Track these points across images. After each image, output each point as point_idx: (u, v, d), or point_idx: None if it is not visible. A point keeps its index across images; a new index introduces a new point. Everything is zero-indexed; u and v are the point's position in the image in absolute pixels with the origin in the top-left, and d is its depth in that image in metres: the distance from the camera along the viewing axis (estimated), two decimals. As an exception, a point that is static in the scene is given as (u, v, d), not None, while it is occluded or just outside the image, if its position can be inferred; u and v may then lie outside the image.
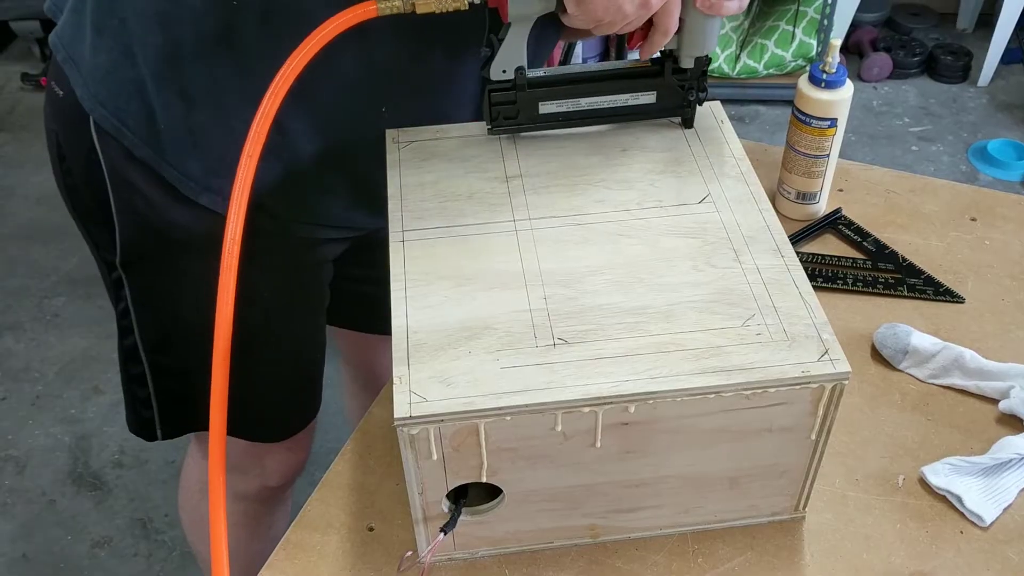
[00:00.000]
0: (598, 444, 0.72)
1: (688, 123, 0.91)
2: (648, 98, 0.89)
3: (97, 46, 0.86)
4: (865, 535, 0.81)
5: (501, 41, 0.82)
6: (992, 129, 2.78)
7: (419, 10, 0.76)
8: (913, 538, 0.81)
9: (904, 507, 0.83)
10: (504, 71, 0.84)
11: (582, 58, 2.81)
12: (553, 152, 0.90)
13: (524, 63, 0.84)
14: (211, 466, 0.75)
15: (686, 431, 0.72)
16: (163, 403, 1.05)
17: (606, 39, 2.87)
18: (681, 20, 0.82)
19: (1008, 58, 2.94)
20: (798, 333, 0.72)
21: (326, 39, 0.74)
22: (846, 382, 0.70)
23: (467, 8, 0.77)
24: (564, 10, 0.78)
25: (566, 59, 2.09)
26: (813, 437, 0.75)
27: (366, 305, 1.19)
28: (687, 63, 0.87)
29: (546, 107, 0.87)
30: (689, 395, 0.69)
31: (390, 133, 0.92)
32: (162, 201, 0.90)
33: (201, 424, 1.07)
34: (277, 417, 1.11)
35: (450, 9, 0.77)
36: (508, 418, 0.69)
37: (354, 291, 1.15)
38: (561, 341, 0.72)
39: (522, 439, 0.71)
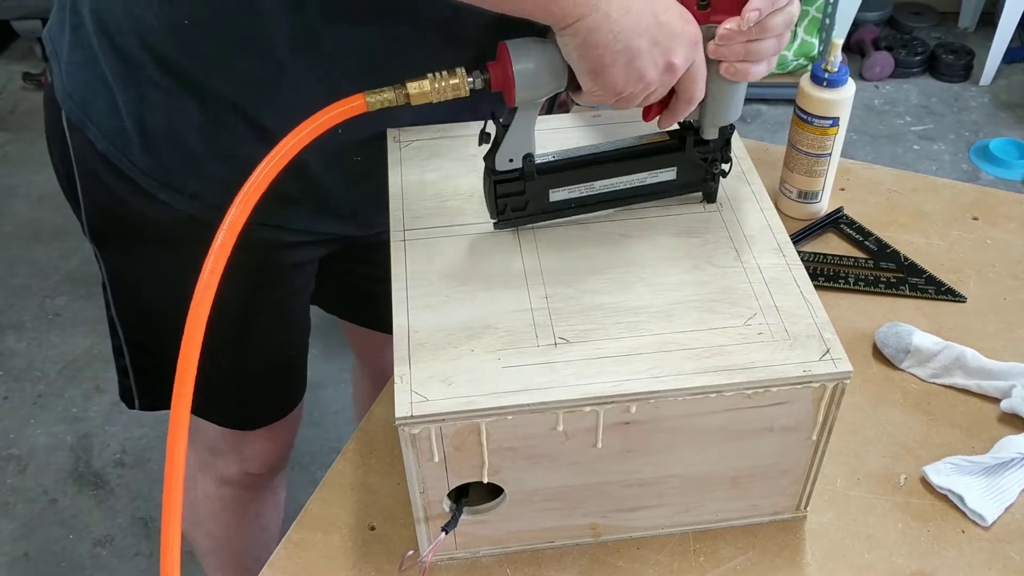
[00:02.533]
0: (599, 444, 0.72)
1: (711, 198, 0.83)
2: (668, 174, 0.81)
3: (72, 42, 0.88)
4: (867, 534, 0.81)
5: (507, 128, 0.74)
6: (994, 128, 2.77)
7: (413, 102, 0.71)
8: (915, 537, 0.81)
9: (906, 506, 0.83)
10: (511, 160, 0.76)
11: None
12: (556, 150, 0.90)
13: (533, 149, 0.76)
14: (170, 443, 0.72)
15: (687, 430, 0.72)
16: (140, 376, 1.07)
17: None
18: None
19: (1010, 57, 2.94)
20: (800, 332, 0.72)
21: (311, 136, 0.69)
22: (847, 381, 0.70)
23: (468, 96, 0.72)
24: (578, 88, 0.72)
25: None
26: (814, 437, 0.75)
27: (372, 303, 1.19)
28: (710, 134, 0.79)
29: (557, 194, 0.79)
30: (690, 394, 0.69)
31: (391, 132, 0.92)
32: (123, 193, 0.91)
33: (194, 409, 1.09)
34: (249, 406, 1.11)
35: (449, 98, 0.71)
36: (509, 417, 0.69)
37: (359, 288, 1.15)
38: (562, 340, 0.72)
39: (523, 438, 0.71)
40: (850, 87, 1.04)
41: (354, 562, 0.80)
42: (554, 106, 2.29)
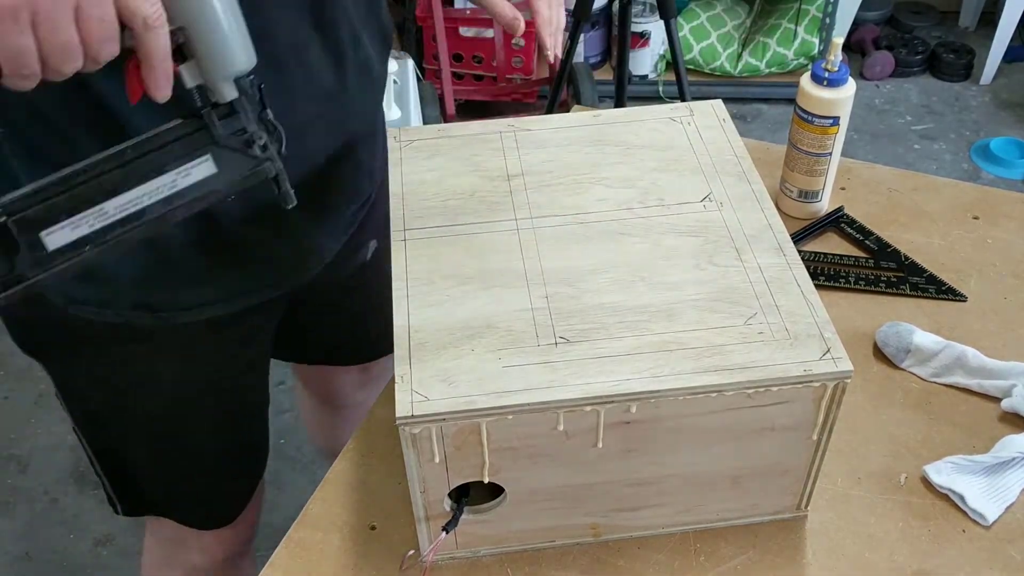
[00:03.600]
0: (600, 444, 0.72)
1: (287, 199, 0.65)
2: (205, 168, 0.61)
3: None
4: (867, 534, 0.81)
5: None
6: (994, 127, 2.77)
7: None
8: (915, 537, 0.81)
9: (906, 506, 0.83)
10: None
11: (584, 56, 2.81)
12: (555, 150, 0.90)
13: None
14: None
15: (688, 430, 0.72)
16: (114, 482, 1.03)
17: (608, 36, 2.87)
18: (179, 29, 0.55)
19: (1010, 56, 2.93)
20: (800, 332, 0.72)
21: None
22: (848, 381, 0.70)
23: None
24: None
25: (568, 55, 2.07)
26: (815, 436, 0.75)
27: (324, 345, 1.17)
28: (227, 92, 0.59)
29: (56, 237, 0.57)
30: (691, 394, 0.69)
31: (391, 132, 0.92)
32: (39, 310, 0.86)
33: (155, 508, 1.06)
34: (206, 504, 1.07)
35: None
36: (510, 417, 0.69)
37: (310, 332, 1.12)
38: (563, 340, 0.72)
39: (524, 438, 0.71)
40: (851, 86, 1.04)
41: (354, 562, 0.80)
42: (554, 106, 2.28)
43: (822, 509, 0.83)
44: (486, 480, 0.73)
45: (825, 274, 1.04)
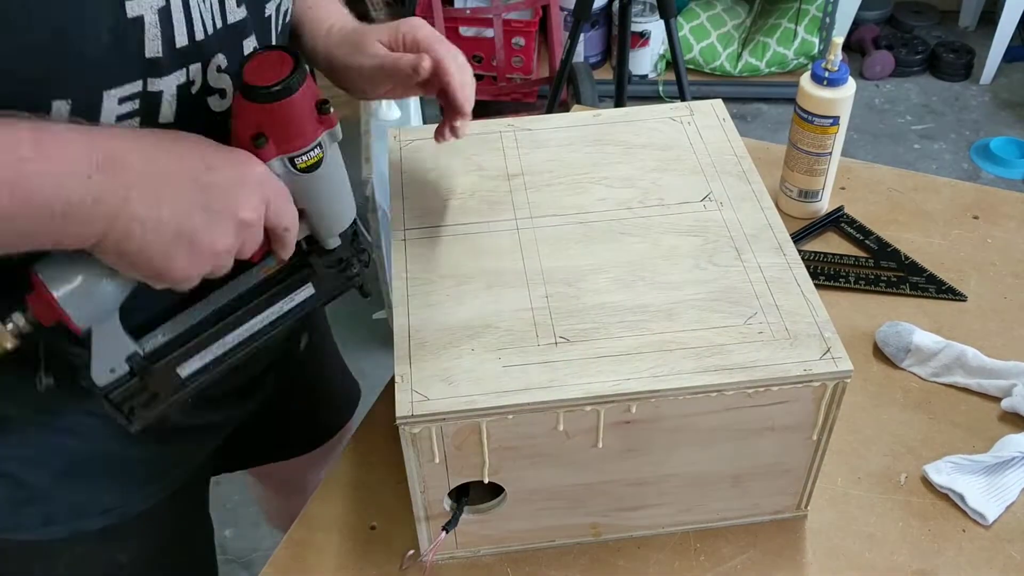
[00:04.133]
0: (600, 443, 0.72)
1: (366, 292, 0.77)
2: (306, 292, 0.72)
3: None
4: (867, 533, 0.81)
5: (89, 347, 0.63)
6: (994, 127, 2.77)
7: None
8: (915, 536, 0.81)
9: (906, 505, 0.83)
10: (112, 370, 0.64)
11: (583, 56, 2.81)
12: (555, 150, 0.90)
13: (133, 348, 0.65)
14: None
15: (688, 429, 0.72)
16: None
17: (608, 36, 2.87)
18: (302, 209, 0.66)
19: (1010, 56, 2.93)
20: (800, 331, 0.72)
21: None
22: (848, 380, 0.70)
23: (14, 344, 0.59)
24: (149, 285, 0.61)
25: (568, 54, 2.07)
26: (815, 436, 0.75)
27: (270, 444, 1.08)
28: (332, 244, 0.70)
29: (188, 367, 0.68)
30: (691, 393, 0.69)
31: (391, 131, 0.92)
32: None
33: None
34: None
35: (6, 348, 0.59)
36: (510, 417, 0.69)
37: (255, 437, 1.00)
38: (563, 339, 0.72)
39: (524, 438, 0.71)
40: (850, 86, 1.04)
41: (355, 561, 0.80)
42: (554, 106, 2.27)
43: (822, 509, 0.83)
44: (486, 480, 0.73)
45: (825, 274, 1.04)
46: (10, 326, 0.58)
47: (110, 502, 0.81)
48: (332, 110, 0.63)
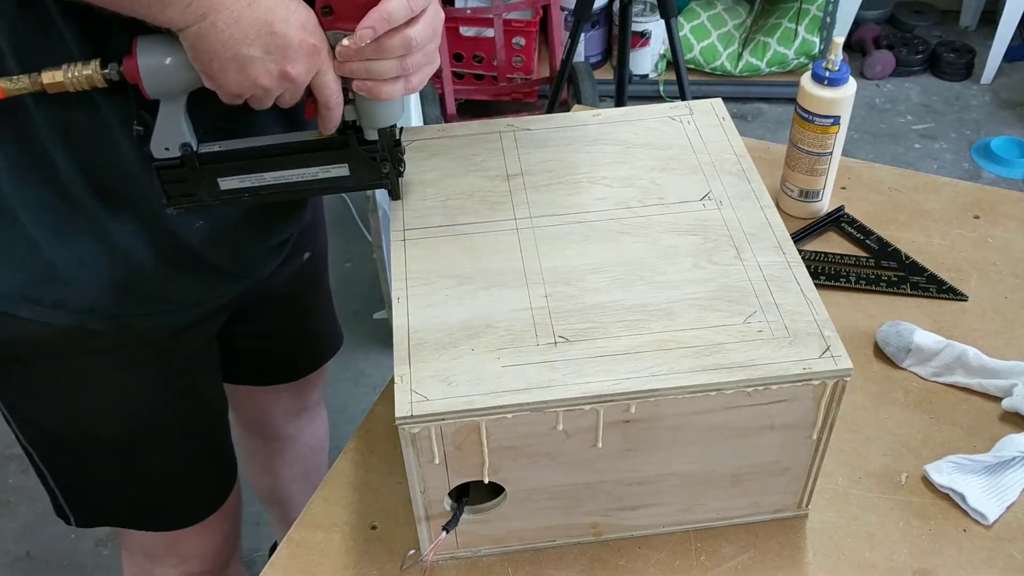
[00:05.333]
0: (600, 443, 0.72)
1: (395, 195, 0.85)
2: (340, 170, 0.81)
3: None
4: (868, 533, 0.81)
5: (155, 118, 0.75)
6: (995, 127, 2.77)
7: (49, 91, 0.71)
8: (916, 536, 0.81)
9: (907, 505, 0.83)
10: (167, 148, 0.76)
11: (584, 56, 2.81)
12: (554, 150, 0.90)
13: (188, 139, 0.76)
14: None
15: (688, 428, 0.72)
16: (67, 495, 1.01)
17: (608, 36, 2.87)
18: (353, 92, 0.75)
19: (1011, 55, 2.93)
20: (800, 330, 0.72)
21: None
22: (848, 379, 0.70)
23: (105, 86, 0.72)
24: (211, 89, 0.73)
25: (569, 54, 2.07)
26: (815, 435, 0.74)
27: (256, 360, 1.17)
28: (371, 135, 0.79)
29: (227, 183, 0.80)
30: (690, 392, 0.69)
31: None
32: None
33: (114, 520, 1.03)
34: (172, 506, 1.04)
35: (85, 87, 0.71)
36: (509, 416, 0.68)
37: (243, 348, 1.11)
38: (562, 339, 0.72)
39: (524, 437, 0.71)
40: (851, 86, 1.04)
41: (355, 561, 0.80)
42: (554, 105, 2.27)
43: (823, 508, 0.83)
44: (486, 480, 0.73)
45: (826, 273, 1.04)
46: (107, 71, 0.71)
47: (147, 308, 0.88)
48: None
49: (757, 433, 0.74)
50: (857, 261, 1.06)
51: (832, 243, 1.10)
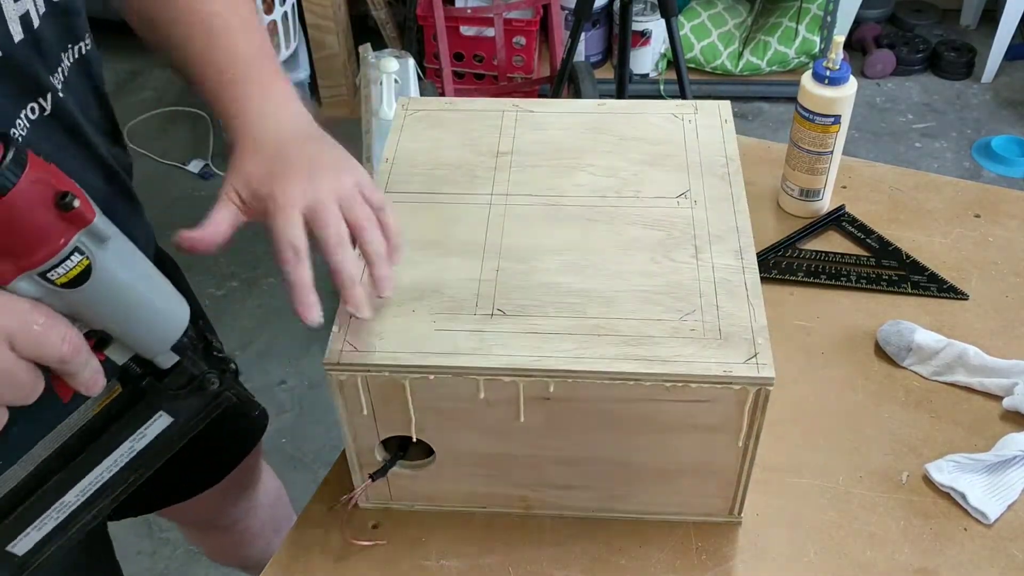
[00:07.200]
0: (522, 417, 0.73)
1: (253, 411, 0.68)
2: (163, 422, 0.59)
3: None
4: (869, 532, 0.81)
5: None
6: (996, 126, 2.77)
7: None
8: (917, 535, 0.81)
9: (908, 504, 0.83)
10: None
11: (584, 55, 2.81)
12: (551, 133, 0.91)
13: None
14: None
15: (608, 415, 0.73)
16: None
17: (609, 35, 2.87)
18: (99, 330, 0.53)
19: (1012, 54, 2.93)
20: (732, 334, 0.72)
21: None
22: (771, 388, 0.69)
23: None
24: None
25: (569, 54, 2.07)
26: (741, 443, 0.74)
27: (171, 482, 0.99)
28: (167, 361, 0.57)
29: (22, 543, 0.57)
30: (609, 379, 0.70)
31: (401, 100, 0.95)
32: None
33: None
34: None
35: None
36: (431, 378, 0.70)
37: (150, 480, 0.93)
38: (499, 312, 0.73)
39: (448, 400, 0.72)
40: (852, 85, 1.04)
41: (356, 561, 0.80)
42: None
43: (823, 507, 0.83)
44: (414, 438, 0.75)
45: (826, 273, 1.04)
46: None
47: None
48: (78, 204, 0.48)
49: (680, 430, 0.74)
50: (858, 260, 1.06)
51: (833, 242, 1.09)
